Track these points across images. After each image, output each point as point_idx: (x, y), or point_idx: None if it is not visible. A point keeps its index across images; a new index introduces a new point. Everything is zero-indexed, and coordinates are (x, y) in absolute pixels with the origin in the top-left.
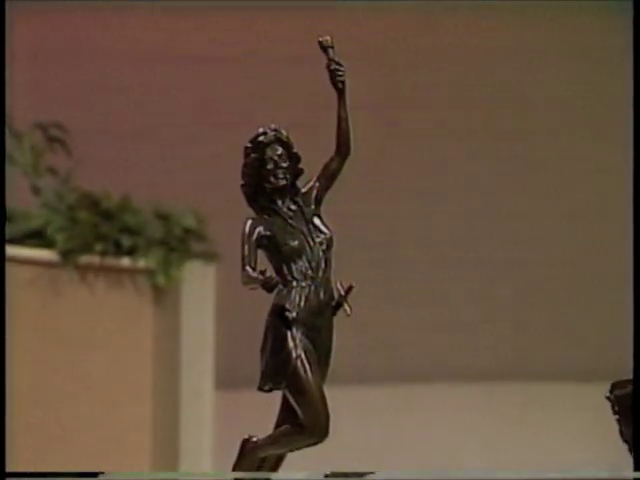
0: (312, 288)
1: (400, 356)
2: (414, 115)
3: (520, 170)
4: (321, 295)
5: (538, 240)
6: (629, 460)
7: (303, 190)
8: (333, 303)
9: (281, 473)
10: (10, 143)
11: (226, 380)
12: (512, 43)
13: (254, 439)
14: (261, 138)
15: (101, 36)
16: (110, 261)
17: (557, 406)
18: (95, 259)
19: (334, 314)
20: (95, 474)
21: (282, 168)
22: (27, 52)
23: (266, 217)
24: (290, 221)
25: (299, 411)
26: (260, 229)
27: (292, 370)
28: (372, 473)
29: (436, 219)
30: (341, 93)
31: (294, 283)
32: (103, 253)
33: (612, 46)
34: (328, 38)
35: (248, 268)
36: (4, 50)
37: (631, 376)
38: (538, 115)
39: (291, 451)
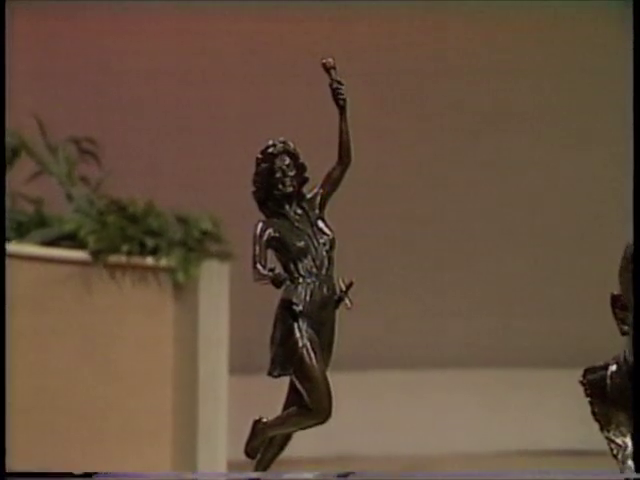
0: (317, 284)
1: (395, 345)
2: (412, 121)
3: (517, 171)
4: (325, 290)
5: (525, 233)
6: (600, 437)
7: (308, 196)
8: (335, 297)
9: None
10: (46, 155)
11: (239, 367)
12: (510, 47)
13: (264, 420)
14: (271, 149)
15: (122, 51)
16: (135, 260)
17: (538, 390)
18: (122, 258)
19: (336, 307)
20: (90, 474)
21: (289, 176)
22: (59, 71)
23: (275, 220)
24: (297, 224)
25: (305, 395)
26: (270, 231)
27: (299, 358)
28: (353, 473)
29: (430, 217)
30: (342, 109)
31: (300, 280)
32: (129, 253)
33: (611, 47)
34: (331, 60)
35: (259, 266)
36: (4, 54)
37: (604, 363)
38: (539, 118)
39: (298, 430)
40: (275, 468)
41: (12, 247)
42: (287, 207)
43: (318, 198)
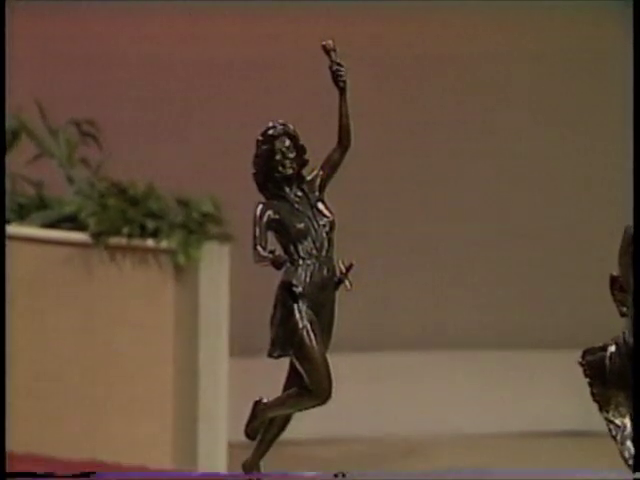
0: (316, 266)
1: (395, 327)
2: (413, 105)
3: (516, 159)
4: (324, 272)
5: (523, 216)
6: (599, 417)
7: (308, 178)
8: (335, 279)
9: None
10: (47, 138)
11: (239, 348)
12: (512, 42)
13: (264, 401)
14: (271, 132)
15: (123, 35)
16: (136, 242)
17: (537, 371)
18: (123, 240)
19: (336, 289)
20: (87, 474)
21: (289, 158)
22: (59, 54)
23: (275, 202)
24: (297, 206)
25: (305, 376)
26: (270, 213)
27: (299, 339)
28: (349, 473)
29: (431, 201)
30: (342, 91)
31: (300, 261)
32: (130, 235)
33: (611, 47)
34: (330, 42)
35: (259, 248)
36: (4, 49)
37: (602, 344)
38: (539, 113)
39: (297, 411)
40: (275, 449)
41: (13, 229)
42: (287, 189)
43: (318, 180)
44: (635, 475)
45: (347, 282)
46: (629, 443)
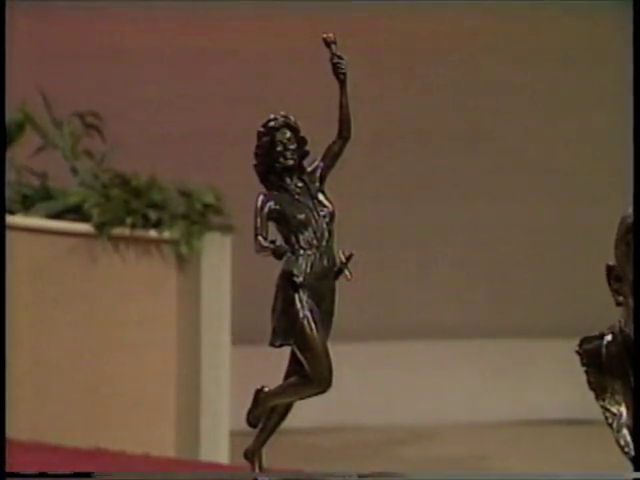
0: (317, 256)
1: (395, 316)
2: (412, 95)
3: (514, 151)
4: (325, 262)
5: (521, 204)
6: (595, 405)
7: (309, 169)
8: (335, 269)
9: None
10: (51, 130)
11: (241, 337)
12: (513, 39)
13: (266, 389)
14: (272, 123)
15: (125, 27)
16: (139, 233)
17: (534, 360)
18: (126, 231)
19: (336, 279)
20: (88, 474)
21: (290, 150)
22: (62, 46)
23: (276, 193)
24: (297, 197)
25: (305, 364)
26: (271, 204)
27: (299, 328)
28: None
29: (431, 190)
30: (342, 83)
31: (301, 251)
32: (133, 226)
33: (611, 47)
34: (331, 35)
35: (260, 238)
36: (4, 47)
37: (598, 332)
38: (537, 108)
39: (298, 400)
40: (276, 437)
41: (17, 220)
42: (288, 180)
43: (318, 171)
44: (635, 475)
45: (347, 272)
46: (625, 431)
